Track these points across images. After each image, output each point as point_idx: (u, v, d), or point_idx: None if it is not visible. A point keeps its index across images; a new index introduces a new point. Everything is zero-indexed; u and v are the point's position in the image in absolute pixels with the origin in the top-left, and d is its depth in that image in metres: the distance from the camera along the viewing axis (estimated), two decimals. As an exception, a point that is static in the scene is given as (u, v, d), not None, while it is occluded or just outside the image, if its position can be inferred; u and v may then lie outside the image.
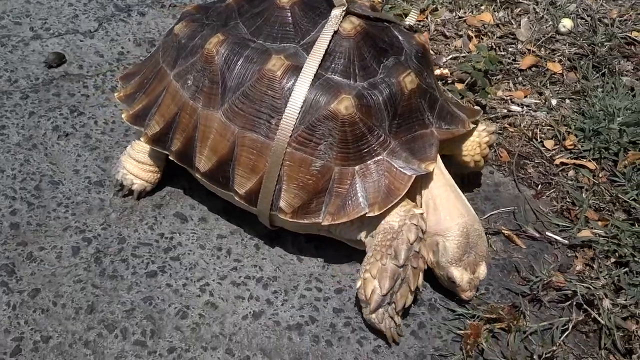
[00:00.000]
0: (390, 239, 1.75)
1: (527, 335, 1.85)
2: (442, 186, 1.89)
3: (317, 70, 1.75)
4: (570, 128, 2.62)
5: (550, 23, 3.24)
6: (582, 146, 2.52)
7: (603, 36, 3.13)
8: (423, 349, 1.82)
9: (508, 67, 2.98)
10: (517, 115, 2.70)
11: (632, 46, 3.15)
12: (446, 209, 1.85)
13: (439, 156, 1.89)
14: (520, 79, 2.93)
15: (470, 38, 3.15)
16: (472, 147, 2.14)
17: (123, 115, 2.03)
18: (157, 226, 2.08)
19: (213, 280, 1.94)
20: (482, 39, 3.16)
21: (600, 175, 2.42)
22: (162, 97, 1.95)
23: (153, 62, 2.07)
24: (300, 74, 1.75)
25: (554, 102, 2.76)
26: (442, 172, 1.91)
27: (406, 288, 1.75)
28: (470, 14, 3.34)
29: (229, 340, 1.79)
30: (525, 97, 2.82)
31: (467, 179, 2.31)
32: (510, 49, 3.09)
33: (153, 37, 2.93)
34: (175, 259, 1.99)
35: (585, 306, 1.89)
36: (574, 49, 3.08)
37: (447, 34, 3.20)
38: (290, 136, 1.75)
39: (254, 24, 1.88)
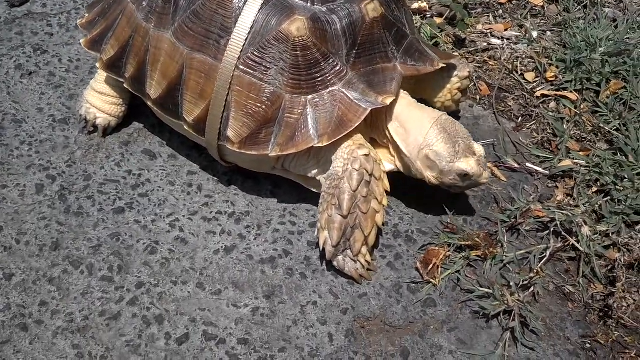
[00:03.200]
0: (335, 186, 1.67)
1: (505, 264, 1.81)
2: (404, 109, 1.81)
3: None
4: (552, 60, 2.55)
5: (532, -45, 3.13)
6: (563, 77, 2.46)
7: (586, -32, 3.04)
8: (399, 279, 1.78)
9: (488, 0, 2.89)
10: (497, 49, 2.63)
11: (617, -23, 3.05)
12: (415, 124, 1.77)
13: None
14: (500, 12, 2.85)
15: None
16: (443, 94, 2.06)
17: (81, 41, 1.95)
18: (124, 163, 2.01)
19: (183, 216, 1.88)
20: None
21: (582, 106, 2.37)
22: (118, 20, 1.88)
23: None
24: None
25: (534, 34, 2.68)
26: (402, 96, 1.83)
27: (360, 233, 1.68)
28: (450, -52, 3.22)
29: (200, 275, 1.74)
30: (506, 30, 2.75)
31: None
32: (490, -18, 2.99)
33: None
34: (143, 195, 1.92)
35: (564, 234, 1.85)
36: (556, -20, 2.99)
37: (426, -33, 3.09)
38: (239, 58, 1.67)
39: None
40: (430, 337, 1.66)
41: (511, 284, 1.72)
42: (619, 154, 2.13)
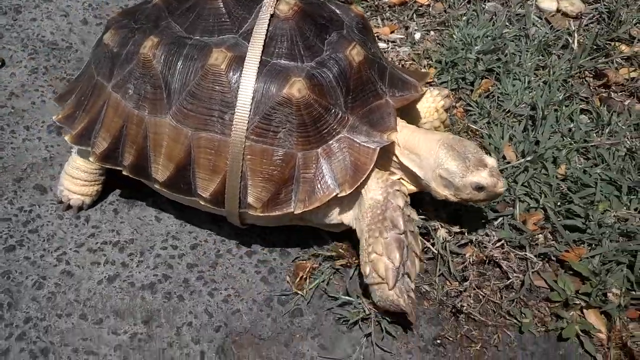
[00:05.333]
0: (381, 212, 1.74)
1: (368, 271, 1.96)
2: (410, 136, 1.88)
3: (261, 57, 1.70)
4: (432, 60, 2.68)
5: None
6: (439, 78, 2.59)
7: (472, -39, 3.16)
8: (271, 293, 1.93)
9: (378, 2, 3.00)
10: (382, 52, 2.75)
11: (502, -31, 3.18)
12: (424, 149, 1.84)
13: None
14: (388, 14, 2.97)
15: (341, -25, 3.15)
16: (430, 113, 2.12)
17: (66, 138, 1.93)
18: (16, 200, 2.13)
19: (70, 249, 2.01)
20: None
21: (457, 106, 2.51)
22: (104, 112, 1.87)
23: (87, 77, 1.98)
24: (245, 63, 1.69)
25: (417, 36, 2.82)
26: (403, 125, 1.90)
27: (413, 254, 1.78)
28: (345, -51, 3.32)
29: (84, 306, 1.88)
30: (392, 32, 2.87)
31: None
32: (380, -16, 3.10)
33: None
34: (33, 231, 2.05)
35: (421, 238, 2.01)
36: (443, -24, 3.11)
37: (320, -28, 3.19)
38: (247, 129, 1.70)
39: (187, 20, 1.81)
40: (295, 346, 1.82)
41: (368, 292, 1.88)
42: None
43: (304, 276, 1.94)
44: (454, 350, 1.83)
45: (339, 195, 1.74)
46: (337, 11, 1.92)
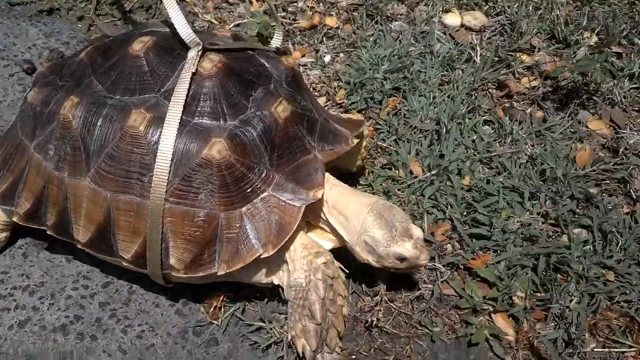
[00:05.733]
0: (302, 298, 1.73)
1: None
2: (339, 196, 1.87)
3: (182, 117, 1.67)
4: (341, 82, 2.74)
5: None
6: (349, 99, 2.65)
7: (378, -18, 3.25)
8: (185, 325, 1.94)
9: (288, 27, 3.06)
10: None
11: (408, -12, 3.28)
12: (352, 212, 1.83)
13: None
14: (298, 38, 3.02)
15: (251, 2, 3.20)
16: (356, 158, 2.16)
17: None
18: None
19: (-21, 297, 1.98)
20: (264, 1, 3.21)
21: (367, 125, 2.57)
22: (26, 172, 1.85)
23: (13, 136, 1.95)
24: (164, 124, 1.66)
25: (327, 58, 2.88)
26: (333, 184, 1.90)
27: (334, 331, 1.76)
28: (254, -24, 3.38)
29: (-6, 353, 1.85)
30: (303, 56, 2.93)
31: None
32: (290, 9, 3.17)
33: None
34: (-60, 283, 2.01)
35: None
36: (351, -1, 3.19)
37: (231, 0, 3.24)
38: (166, 191, 1.67)
39: (109, 78, 1.78)
40: (211, 376, 1.83)
41: (282, 317, 1.90)
42: (391, 169, 2.34)
43: (218, 305, 1.95)
44: (368, 364, 1.86)
45: (262, 256, 1.70)
46: (266, 64, 1.88)
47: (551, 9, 2.99)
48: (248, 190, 1.72)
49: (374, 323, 1.91)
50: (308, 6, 3.17)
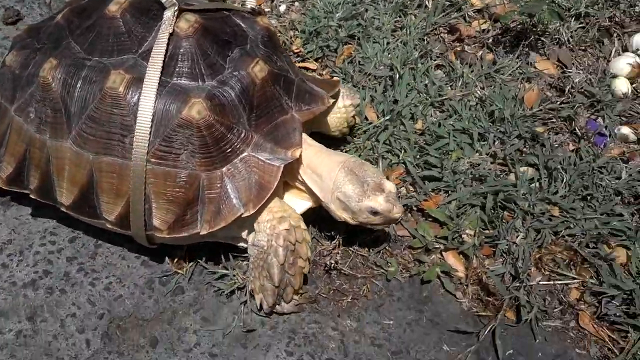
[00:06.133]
0: (262, 259, 1.79)
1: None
2: (314, 155, 1.90)
3: (161, 78, 1.68)
4: (297, 31, 2.77)
5: None
6: (305, 48, 2.68)
7: None
8: (152, 275, 2.01)
9: (243, -23, 3.05)
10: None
11: None
12: (325, 170, 1.86)
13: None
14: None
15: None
16: (340, 123, 2.16)
17: None
18: None
19: (-52, 258, 2.03)
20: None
21: (323, 74, 2.62)
22: (7, 135, 1.87)
23: None
24: (143, 85, 1.67)
25: (282, 8, 2.90)
26: (308, 144, 1.92)
27: (291, 289, 1.84)
28: None
29: (-34, 312, 1.92)
30: (259, 6, 2.92)
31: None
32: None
33: None
34: None
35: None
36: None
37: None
38: (148, 152, 1.69)
39: (87, 40, 1.78)
40: (178, 322, 1.92)
41: (244, 263, 1.99)
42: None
43: (183, 255, 2.02)
44: (327, 305, 1.96)
45: (243, 215, 1.74)
46: (242, 25, 1.89)
47: (503, -49, 3.01)
48: (228, 151, 1.75)
49: (333, 265, 2.01)
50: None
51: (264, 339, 1.88)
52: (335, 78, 2.41)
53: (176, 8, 1.76)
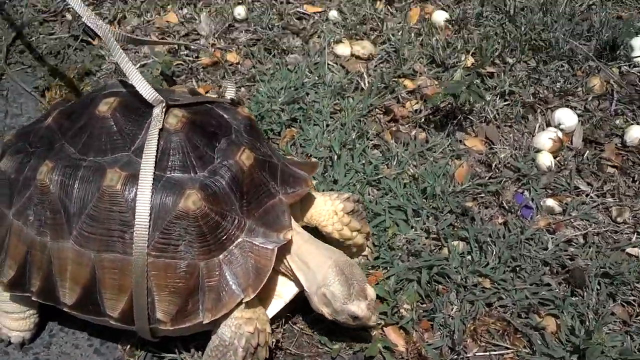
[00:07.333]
0: (221, 352, 1.82)
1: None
2: (302, 244, 1.94)
3: (155, 172, 1.74)
4: (242, 116, 2.91)
5: (229, 11, 3.49)
6: (249, 134, 2.82)
7: (274, 16, 3.44)
8: (103, 363, 2.08)
9: (192, 65, 3.21)
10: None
11: (303, 20, 3.49)
12: (314, 261, 1.90)
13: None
14: (202, 75, 3.18)
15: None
16: (330, 216, 2.13)
17: None
18: None
19: None
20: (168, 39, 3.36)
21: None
22: (7, 240, 1.89)
23: None
24: (139, 181, 1.73)
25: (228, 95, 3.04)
26: (297, 232, 1.97)
27: None
28: (157, 16, 3.53)
29: None
30: (207, 92, 3.07)
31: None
32: (192, 47, 3.31)
33: None
34: None
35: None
36: (249, 35, 3.37)
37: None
38: (148, 246, 1.74)
39: (80, 141, 1.84)
40: (130, 410, 1.98)
41: (189, 345, 2.07)
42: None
43: (135, 342, 2.10)
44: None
45: (244, 300, 1.80)
46: (225, 115, 1.98)
47: (431, 34, 3.25)
48: (224, 238, 1.81)
49: (278, 345, 2.10)
50: (210, 43, 3.31)
51: (214, 422, 1.94)
52: (313, 159, 2.54)
53: (164, 105, 1.84)
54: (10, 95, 3.08)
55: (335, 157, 2.62)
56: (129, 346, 2.10)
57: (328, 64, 3.12)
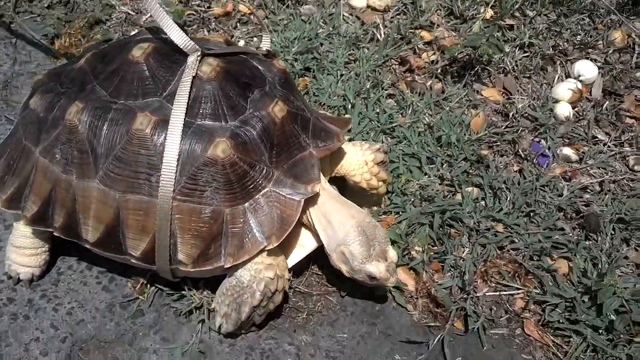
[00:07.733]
0: (237, 292, 1.84)
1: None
2: (328, 200, 1.93)
3: (186, 119, 1.73)
4: (256, 66, 2.88)
5: (244, -36, 3.45)
6: (262, 81, 2.79)
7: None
8: (113, 300, 2.08)
9: (203, 15, 3.18)
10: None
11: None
12: (337, 218, 1.89)
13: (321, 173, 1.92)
14: (214, 25, 3.15)
15: (169, -6, 3.31)
16: (359, 166, 2.12)
17: None
18: None
19: None
20: (180, -6, 3.33)
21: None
22: (33, 176, 1.89)
23: (15, 141, 1.98)
24: (169, 126, 1.72)
25: (241, 43, 3.02)
26: (324, 188, 1.95)
27: (252, 323, 1.93)
28: (169, -34, 3.48)
29: None
30: (225, 42, 3.05)
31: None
32: (205, -4, 3.29)
33: None
34: None
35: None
36: (264, -15, 3.33)
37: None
38: (174, 190, 1.74)
39: (112, 84, 1.83)
40: (138, 343, 1.98)
41: (199, 284, 2.07)
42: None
43: (145, 282, 2.09)
44: (283, 322, 2.04)
45: (267, 248, 1.80)
46: (260, 67, 1.95)
47: (450, -14, 3.19)
48: (250, 187, 1.81)
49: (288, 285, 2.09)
50: (222, -7, 3.28)
51: (222, 356, 1.95)
52: (347, 116, 2.51)
53: (199, 53, 1.82)
54: (19, 43, 3.07)
55: (349, 105, 2.59)
56: (139, 285, 2.09)
57: (343, 15, 3.08)
